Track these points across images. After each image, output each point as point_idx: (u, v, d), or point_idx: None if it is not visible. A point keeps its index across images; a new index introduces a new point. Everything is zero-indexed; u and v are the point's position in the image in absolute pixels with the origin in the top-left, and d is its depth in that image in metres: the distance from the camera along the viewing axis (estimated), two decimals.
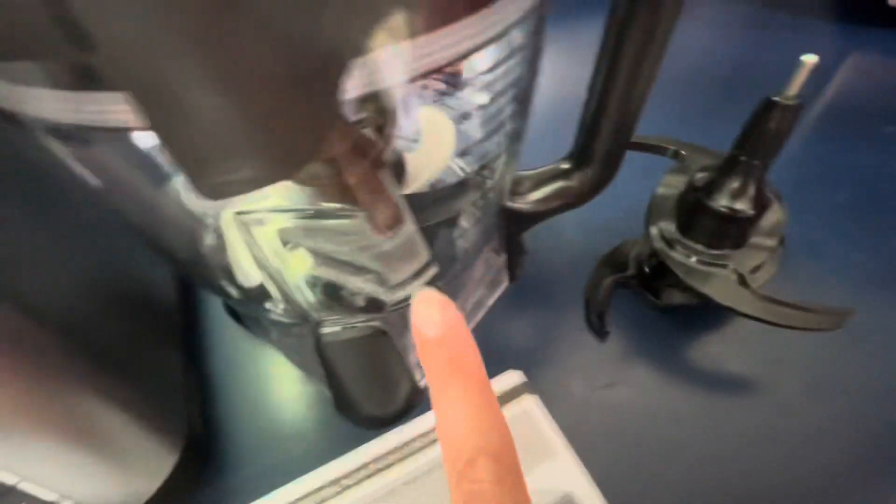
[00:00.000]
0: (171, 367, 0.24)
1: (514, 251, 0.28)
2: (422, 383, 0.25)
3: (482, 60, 0.13)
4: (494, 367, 0.23)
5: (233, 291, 0.21)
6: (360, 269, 0.19)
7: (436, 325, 0.11)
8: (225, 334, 0.28)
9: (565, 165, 0.24)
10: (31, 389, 0.15)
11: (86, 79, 0.09)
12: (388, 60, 0.11)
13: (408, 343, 0.23)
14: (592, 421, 0.23)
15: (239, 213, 0.15)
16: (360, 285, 0.19)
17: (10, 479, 0.15)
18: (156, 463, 0.20)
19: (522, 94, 0.17)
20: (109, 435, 0.18)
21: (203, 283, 0.23)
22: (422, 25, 0.10)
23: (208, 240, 0.20)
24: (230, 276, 0.20)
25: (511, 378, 0.23)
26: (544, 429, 0.22)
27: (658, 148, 0.26)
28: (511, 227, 0.26)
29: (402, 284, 0.20)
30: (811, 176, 0.34)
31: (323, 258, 0.18)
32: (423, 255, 0.19)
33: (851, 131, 0.38)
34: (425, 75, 0.11)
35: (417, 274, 0.20)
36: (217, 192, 0.10)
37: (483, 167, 0.20)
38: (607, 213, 0.30)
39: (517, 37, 0.14)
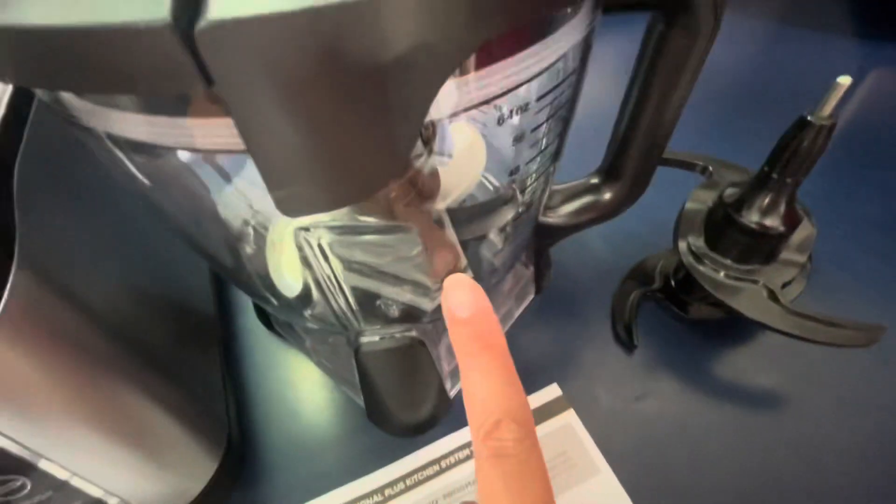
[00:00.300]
0: (211, 374, 0.24)
1: (541, 264, 0.28)
2: (452, 393, 0.25)
3: (532, 88, 0.14)
4: (525, 377, 0.24)
5: (273, 300, 0.22)
6: (400, 280, 0.20)
7: (466, 306, 0.13)
8: (257, 342, 0.28)
9: (595, 180, 0.25)
10: (87, 388, 0.16)
11: (185, 107, 0.10)
12: (450, 93, 0.11)
13: (441, 353, 0.24)
14: (623, 433, 0.23)
15: (299, 229, 0.16)
16: (401, 294, 0.20)
17: (62, 475, 0.16)
18: (198, 466, 0.21)
19: (565, 115, 0.18)
20: (156, 436, 0.19)
21: (248, 291, 0.24)
22: (483, 60, 0.11)
23: (249, 249, 0.21)
24: (271, 285, 0.21)
25: (551, 392, 0.24)
26: (587, 445, 0.22)
27: (687, 164, 0.27)
28: (541, 241, 0.26)
29: (439, 292, 0.21)
30: (839, 191, 0.34)
31: (368, 270, 0.18)
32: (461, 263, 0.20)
33: (878, 146, 0.38)
34: (479, 105, 0.12)
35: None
36: (296, 210, 0.10)
37: (521, 185, 0.21)
38: (633, 226, 0.31)
39: (566, 65, 0.15)
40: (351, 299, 0.19)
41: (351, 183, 0.10)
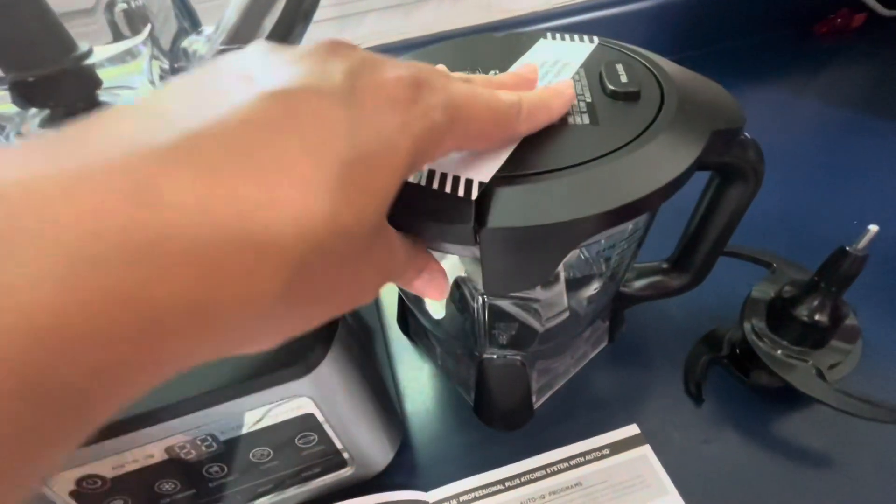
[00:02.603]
0: (387, 374, 0.35)
1: (615, 320, 0.36)
2: (536, 405, 0.33)
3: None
4: (608, 414, 0.33)
5: (427, 317, 0.32)
6: (526, 309, 0.29)
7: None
8: (399, 348, 0.39)
9: (665, 265, 0.33)
10: (362, 379, 0.26)
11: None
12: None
13: (533, 375, 0.32)
14: (690, 466, 0.30)
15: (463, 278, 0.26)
16: (525, 317, 0.29)
17: (332, 434, 0.26)
18: (388, 447, 0.30)
19: (648, 227, 0.27)
20: (381, 419, 0.29)
21: (416, 308, 0.34)
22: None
23: None
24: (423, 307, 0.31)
25: (631, 430, 0.32)
26: (659, 473, 0.30)
27: (755, 259, 0.34)
28: (617, 304, 0.34)
29: (549, 319, 0.30)
30: (885, 292, 0.39)
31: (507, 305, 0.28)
32: (564, 304, 0.29)
33: None
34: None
35: (557, 315, 0.30)
36: (495, 294, 0.20)
37: (611, 270, 0.30)
38: (704, 299, 0.38)
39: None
40: (485, 329, 0.29)
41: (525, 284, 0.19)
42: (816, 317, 0.28)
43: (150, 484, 0.24)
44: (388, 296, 0.42)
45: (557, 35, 0.29)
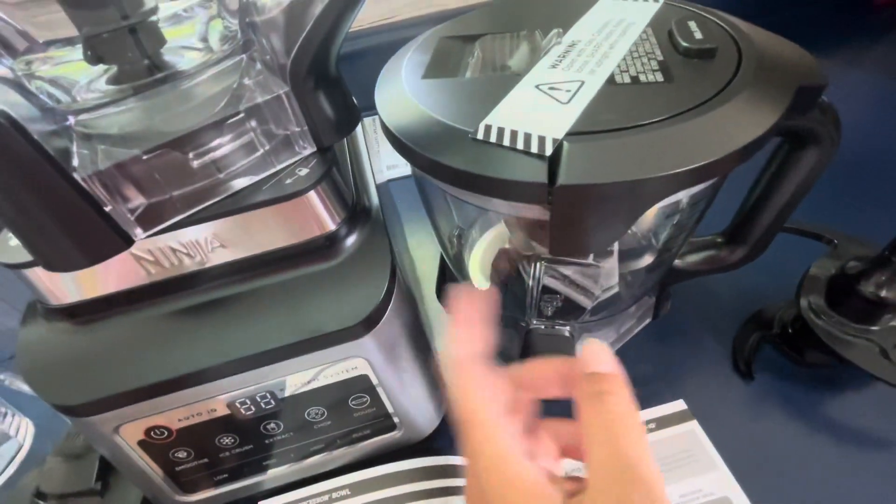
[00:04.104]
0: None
1: (661, 296, 0.35)
2: None
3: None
4: (648, 387, 0.32)
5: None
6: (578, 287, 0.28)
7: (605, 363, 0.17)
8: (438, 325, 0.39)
9: (719, 240, 0.32)
10: (408, 329, 0.26)
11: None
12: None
13: (578, 347, 0.32)
14: (740, 444, 0.29)
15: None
16: (575, 295, 0.29)
17: (385, 398, 0.26)
18: (429, 421, 0.31)
19: (708, 204, 0.26)
20: (429, 377, 0.29)
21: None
22: None
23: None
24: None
25: (678, 405, 0.31)
26: (706, 447, 0.29)
27: (815, 235, 0.32)
28: (666, 279, 0.33)
29: (600, 295, 0.29)
30: None
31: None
32: (615, 279, 0.28)
33: None
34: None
35: (607, 290, 0.29)
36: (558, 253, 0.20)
37: (667, 245, 0.29)
38: (753, 278, 0.36)
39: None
40: (535, 298, 0.29)
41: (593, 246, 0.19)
42: (883, 292, 0.27)
43: (211, 438, 0.25)
44: (426, 266, 0.42)
45: None
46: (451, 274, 0.38)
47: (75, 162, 0.17)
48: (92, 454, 0.31)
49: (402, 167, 0.54)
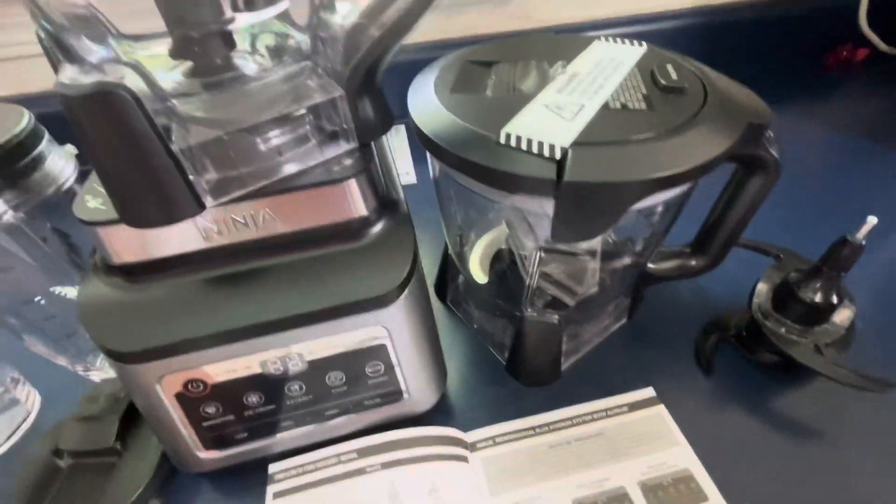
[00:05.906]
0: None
1: (636, 298, 0.40)
2: (564, 366, 0.37)
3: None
4: (628, 379, 0.37)
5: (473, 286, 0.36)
6: (562, 286, 0.33)
7: None
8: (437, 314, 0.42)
9: (686, 250, 0.37)
10: (423, 308, 0.30)
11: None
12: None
13: (565, 338, 0.36)
14: (699, 424, 0.34)
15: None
16: (557, 292, 0.33)
17: (399, 371, 0.30)
18: (435, 392, 0.34)
19: (676, 213, 0.31)
20: (436, 354, 0.32)
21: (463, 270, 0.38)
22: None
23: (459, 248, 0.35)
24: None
25: (647, 392, 0.36)
26: (671, 427, 0.34)
27: (764, 250, 0.38)
28: (640, 282, 0.38)
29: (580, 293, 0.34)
30: (881, 279, 0.43)
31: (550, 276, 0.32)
32: (596, 278, 0.33)
33: None
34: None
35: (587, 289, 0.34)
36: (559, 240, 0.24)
37: (641, 250, 0.34)
38: (712, 286, 0.42)
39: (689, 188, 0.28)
40: (531, 288, 0.33)
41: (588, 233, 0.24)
42: (818, 298, 0.32)
43: (239, 395, 0.28)
44: (426, 266, 0.46)
45: (609, 38, 0.33)
46: (451, 273, 0.42)
47: (173, 136, 0.21)
48: (111, 416, 0.33)
49: (408, 176, 0.58)
